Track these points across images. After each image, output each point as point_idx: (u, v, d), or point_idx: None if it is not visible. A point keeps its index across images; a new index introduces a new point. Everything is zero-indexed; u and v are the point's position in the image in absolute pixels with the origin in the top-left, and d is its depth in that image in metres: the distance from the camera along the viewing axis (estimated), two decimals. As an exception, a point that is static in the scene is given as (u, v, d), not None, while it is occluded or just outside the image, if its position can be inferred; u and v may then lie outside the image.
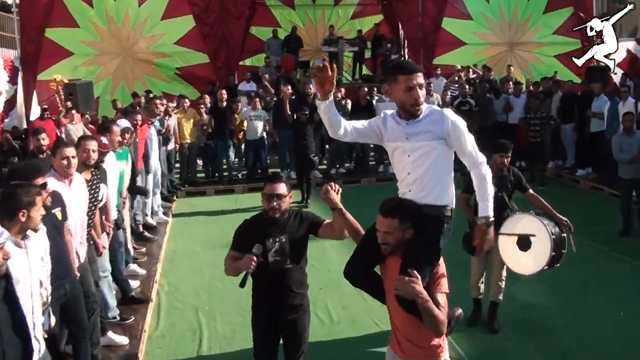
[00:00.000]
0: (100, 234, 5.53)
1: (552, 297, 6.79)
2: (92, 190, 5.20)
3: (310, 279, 7.25)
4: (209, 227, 9.94)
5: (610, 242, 8.64)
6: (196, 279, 7.62)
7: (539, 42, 18.15)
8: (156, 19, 16.22)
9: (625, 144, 8.91)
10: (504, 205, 5.79)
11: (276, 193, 3.99)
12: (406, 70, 3.46)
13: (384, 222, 3.42)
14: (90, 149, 5.11)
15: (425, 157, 3.51)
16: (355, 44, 18.29)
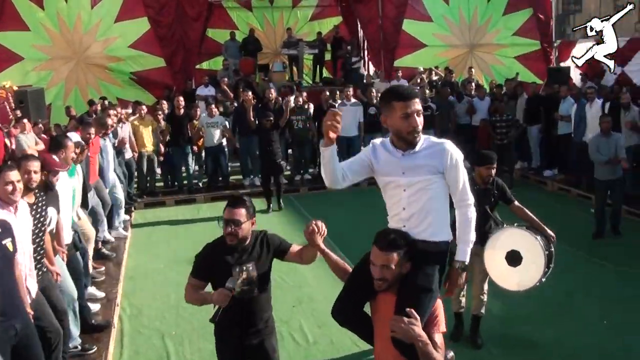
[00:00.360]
0: (53, 261, 5.07)
1: (535, 309, 6.58)
2: (38, 214, 4.70)
3: (282, 296, 7.02)
4: (172, 240, 9.49)
5: (587, 246, 8.55)
6: (161, 300, 7.15)
7: (499, 44, 18.21)
8: (109, 22, 15.67)
9: (602, 146, 8.92)
10: (486, 218, 5.62)
11: (233, 219, 3.72)
12: (403, 96, 3.28)
13: (382, 256, 3.22)
14: (32, 170, 4.60)
15: (422, 192, 3.37)
16: (315, 47, 18.00)
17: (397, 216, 3.45)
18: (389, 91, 3.43)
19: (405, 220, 3.41)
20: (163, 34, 15.97)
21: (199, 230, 10.08)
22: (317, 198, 11.85)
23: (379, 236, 3.30)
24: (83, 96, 15.37)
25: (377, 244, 3.26)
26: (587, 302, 6.79)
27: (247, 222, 3.75)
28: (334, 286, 7.10)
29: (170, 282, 7.67)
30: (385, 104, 3.38)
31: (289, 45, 17.81)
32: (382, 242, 3.24)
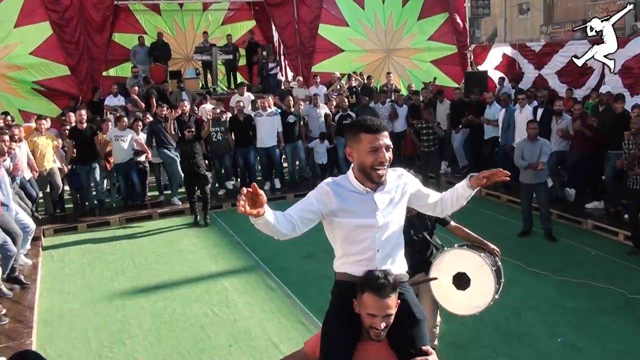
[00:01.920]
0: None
1: (487, 331, 6.35)
2: None
3: (215, 334, 6.46)
4: (86, 274, 8.61)
5: (524, 256, 8.39)
6: (81, 349, 6.34)
7: (415, 48, 18.24)
8: (9, 27, 14.42)
9: (527, 151, 9.09)
10: (426, 245, 5.38)
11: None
12: (372, 129, 3.07)
13: (385, 303, 2.98)
14: None
15: (395, 229, 3.25)
16: (229, 52, 17.35)
17: (367, 259, 3.17)
18: (357, 123, 3.19)
19: (378, 262, 3.17)
20: (66, 40, 14.85)
21: (115, 257, 9.32)
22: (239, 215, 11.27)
23: (371, 284, 2.99)
24: (-19, 108, 14.10)
25: (376, 293, 2.97)
26: (536, 320, 6.63)
27: None
28: (269, 318, 6.69)
29: (89, 325, 6.90)
30: (352, 135, 3.14)
31: (202, 51, 17.11)
32: (381, 290, 2.97)
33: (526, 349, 5.98)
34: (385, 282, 2.98)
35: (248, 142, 12.42)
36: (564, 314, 6.74)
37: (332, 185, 3.16)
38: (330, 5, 17.33)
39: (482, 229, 9.40)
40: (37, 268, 8.66)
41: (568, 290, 7.37)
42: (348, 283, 3.19)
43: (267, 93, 15.80)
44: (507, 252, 8.19)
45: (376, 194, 3.16)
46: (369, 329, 3.03)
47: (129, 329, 6.76)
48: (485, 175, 3.38)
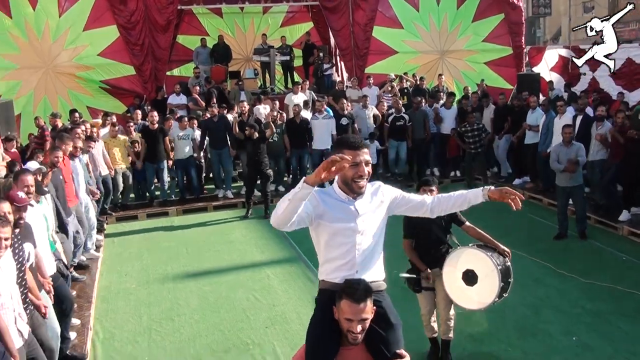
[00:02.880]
0: (38, 296, 5.01)
1: (504, 326, 6.67)
2: (16, 255, 4.64)
3: (254, 316, 7.04)
4: (143, 258, 9.40)
5: (555, 259, 8.61)
6: (133, 323, 7.09)
7: (469, 50, 18.35)
8: (78, 30, 15.47)
9: (562, 155, 9.25)
10: (440, 242, 5.77)
11: None
12: (353, 146, 3.42)
13: (360, 309, 3.24)
14: (5, 211, 4.54)
15: (375, 234, 3.55)
16: (286, 53, 17.98)
17: (348, 263, 3.47)
18: (340, 141, 3.56)
19: (358, 265, 3.47)
20: (132, 42, 15.79)
21: (170, 245, 10.06)
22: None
23: (347, 291, 3.28)
24: (52, 105, 15.19)
25: (351, 299, 3.24)
26: (554, 318, 6.86)
27: None
28: (304, 304, 7.20)
29: (142, 302, 7.66)
30: (336, 151, 3.42)
31: (261, 52, 17.78)
32: (355, 296, 3.24)
33: (540, 346, 6.26)
34: (360, 288, 3.26)
35: (303, 144, 12.93)
36: (583, 314, 6.95)
37: (319, 192, 3.47)
38: (385, 7, 17.66)
39: (519, 230, 9.89)
40: (99, 250, 9.55)
41: (592, 292, 7.53)
42: (330, 292, 3.46)
43: (322, 93, 16.44)
44: (538, 254, 8.70)
45: (357, 202, 3.49)
46: (347, 332, 3.29)
47: (177, 308, 7.43)
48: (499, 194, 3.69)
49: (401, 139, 13.38)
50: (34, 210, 5.67)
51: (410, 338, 6.05)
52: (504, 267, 5.34)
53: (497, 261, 5.26)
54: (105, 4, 15.46)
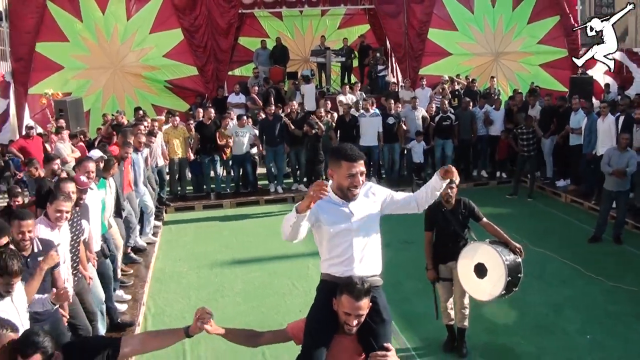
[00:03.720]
0: (86, 267, 5.78)
1: (521, 320, 7.03)
2: (74, 228, 5.45)
3: (291, 301, 7.63)
4: (196, 246, 10.16)
5: (585, 260, 8.80)
6: (182, 302, 7.84)
7: (523, 52, 18.41)
8: (145, 33, 16.47)
9: (614, 159, 9.32)
10: (457, 237, 6.15)
11: None
12: (351, 158, 3.66)
13: (360, 305, 3.51)
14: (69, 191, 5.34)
15: (370, 232, 3.79)
16: (342, 55, 18.51)
17: (346, 260, 3.71)
18: (338, 151, 3.78)
19: (356, 262, 3.71)
20: (196, 44, 16.67)
21: (223, 234, 10.79)
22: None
23: (349, 288, 3.51)
24: (120, 103, 16.21)
25: (351, 296, 3.49)
26: (573, 318, 7.10)
27: None
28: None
29: (191, 285, 8.40)
30: (334, 160, 3.75)
31: (317, 54, 18.38)
32: (355, 293, 3.49)
33: (554, 342, 6.56)
34: (361, 288, 3.50)
35: (351, 140, 13.37)
36: (602, 315, 7.16)
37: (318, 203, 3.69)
38: (440, 10, 17.92)
39: (555, 233, 10.16)
40: (156, 236, 10.41)
41: (616, 295, 7.67)
42: (331, 283, 3.72)
43: (375, 94, 16.92)
44: (570, 255, 8.95)
45: (351, 204, 3.76)
46: (343, 324, 3.57)
47: (222, 291, 8.13)
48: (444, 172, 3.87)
49: (446, 137, 13.72)
50: (93, 194, 6.44)
51: (430, 327, 6.63)
52: (513, 262, 5.71)
53: (506, 257, 5.66)
54: (170, 8, 16.40)
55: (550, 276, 8.37)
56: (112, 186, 7.58)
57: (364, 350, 3.67)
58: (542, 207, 11.97)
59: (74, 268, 5.43)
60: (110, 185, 7.50)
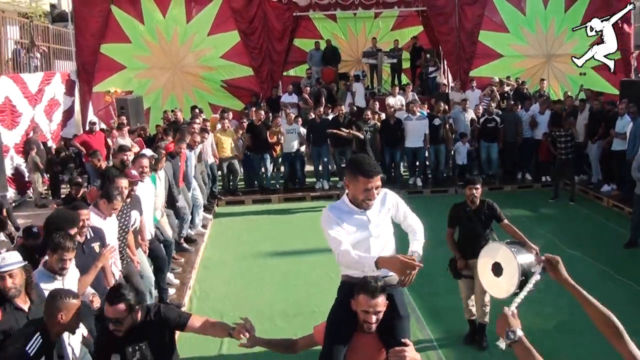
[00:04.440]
0: (135, 252, 6.43)
1: (542, 318, 7.22)
2: (123, 218, 6.12)
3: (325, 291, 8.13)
4: (243, 237, 10.81)
5: (617, 264, 8.85)
6: (225, 287, 8.49)
7: (575, 54, 18.31)
8: (203, 35, 17.29)
9: None
10: (479, 236, 6.46)
11: (113, 317, 3.74)
12: (367, 174, 3.79)
13: (376, 302, 3.67)
14: (122, 186, 6.00)
15: (386, 236, 4.01)
16: (393, 56, 18.90)
17: None
18: (357, 166, 3.88)
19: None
20: (251, 46, 17.38)
21: (269, 227, 11.42)
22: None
23: (365, 287, 3.66)
24: (179, 101, 17.07)
25: (367, 294, 3.65)
26: None
27: (126, 313, 3.74)
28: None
29: (235, 273, 9.05)
30: (351, 174, 3.90)
31: (369, 55, 18.84)
32: (371, 291, 3.64)
33: (569, 340, 6.75)
34: (376, 286, 3.64)
35: (395, 142, 13.85)
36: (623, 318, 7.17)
37: (332, 210, 3.97)
38: (492, 12, 18.04)
39: (592, 236, 10.33)
40: (206, 228, 11.11)
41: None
42: (349, 284, 3.90)
43: (426, 95, 17.26)
44: (603, 259, 9.07)
45: (368, 211, 3.93)
46: (363, 322, 3.71)
47: (262, 279, 8.73)
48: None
49: (492, 140, 13.94)
50: (145, 186, 7.11)
51: (454, 321, 7.02)
52: (528, 263, 6.05)
53: (520, 257, 5.94)
54: (228, 11, 17.16)
55: (579, 278, 8.15)
56: (162, 180, 8.27)
57: (385, 346, 3.81)
58: (583, 211, 12.06)
59: (122, 253, 6.08)
60: (160, 178, 8.18)
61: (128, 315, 3.73)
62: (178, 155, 9.39)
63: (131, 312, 3.74)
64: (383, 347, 3.82)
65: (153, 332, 3.88)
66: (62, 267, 4.40)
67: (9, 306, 3.90)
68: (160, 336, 3.91)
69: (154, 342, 3.87)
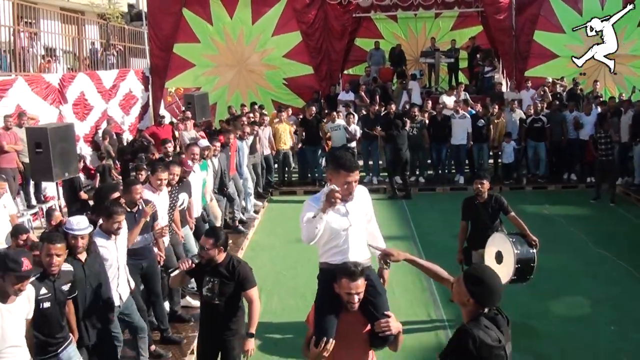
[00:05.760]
0: (180, 227, 7.54)
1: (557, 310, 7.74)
2: (172, 197, 7.25)
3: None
4: (291, 224, 11.58)
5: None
6: (268, 267, 9.51)
7: (633, 55, 18.33)
8: (267, 36, 18.36)
9: None
10: (486, 227, 7.07)
11: (202, 244, 5.01)
12: (348, 168, 4.17)
13: (357, 284, 3.98)
14: (175, 172, 7.16)
15: (361, 225, 4.41)
16: (450, 56, 19.42)
17: (343, 250, 4.26)
18: (337, 160, 4.27)
19: (351, 251, 4.26)
20: (312, 46, 18.34)
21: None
22: (423, 198, 13.68)
23: (346, 272, 3.99)
24: (243, 98, 18.15)
25: (348, 277, 3.97)
26: (607, 312, 7.66)
27: (213, 249, 4.93)
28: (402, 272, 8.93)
29: (279, 255, 10.12)
30: (333, 168, 4.26)
31: (427, 55, 19.46)
32: (351, 275, 3.97)
33: (579, 329, 7.25)
34: (355, 270, 3.97)
35: (442, 139, 14.55)
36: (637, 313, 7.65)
37: (312, 200, 4.31)
38: (548, 12, 18.18)
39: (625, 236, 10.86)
40: (259, 214, 12.19)
41: None
42: (329, 270, 4.23)
43: (481, 95, 17.75)
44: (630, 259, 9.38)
45: (347, 204, 4.27)
46: (347, 303, 4.00)
47: (302, 262, 9.60)
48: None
49: (537, 139, 14.35)
50: (196, 173, 8.17)
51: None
52: (525, 253, 6.59)
53: (518, 247, 6.56)
54: (291, 12, 18.14)
55: (602, 275, 8.90)
56: (211, 167, 9.37)
57: (369, 320, 4.14)
58: (621, 212, 12.28)
59: (169, 225, 7.18)
60: (210, 166, 9.27)
61: (212, 248, 4.91)
62: (228, 145, 10.43)
63: (215, 247, 4.92)
64: (367, 322, 4.16)
65: (227, 276, 4.99)
66: (117, 227, 5.50)
67: (71, 258, 4.96)
68: (230, 282, 5.00)
69: (224, 284, 4.98)
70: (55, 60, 16.18)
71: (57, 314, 4.68)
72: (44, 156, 8.34)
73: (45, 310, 4.57)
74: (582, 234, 10.76)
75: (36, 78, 13.00)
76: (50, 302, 4.61)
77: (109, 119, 14.98)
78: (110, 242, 5.52)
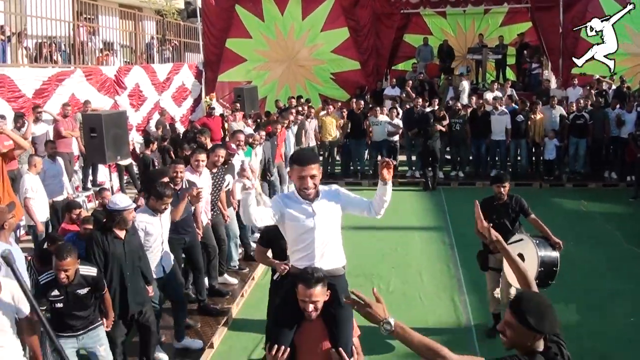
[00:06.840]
0: (225, 208, 8.22)
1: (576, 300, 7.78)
2: (216, 179, 7.89)
3: (388, 260, 9.56)
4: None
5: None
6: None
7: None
8: (317, 31, 18.93)
9: None
10: (506, 230, 6.70)
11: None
12: (300, 163, 3.95)
13: (312, 292, 3.71)
14: (220, 155, 7.82)
15: (330, 229, 4.04)
16: (497, 52, 19.54)
17: (309, 255, 3.98)
18: (293, 156, 4.22)
19: (317, 257, 3.96)
20: (360, 42, 18.79)
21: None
22: (462, 193, 13.96)
23: (301, 277, 3.75)
24: (292, 92, 18.71)
25: (304, 284, 3.70)
26: (628, 305, 7.73)
27: None
28: (428, 258, 9.39)
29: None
30: (289, 165, 4.26)
31: (474, 51, 19.63)
32: (307, 281, 3.70)
33: (597, 318, 7.40)
34: (311, 276, 3.68)
35: (482, 134, 14.82)
36: None
37: (282, 197, 4.16)
38: (595, 8, 18.03)
39: None
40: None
41: None
42: (293, 275, 3.99)
43: (528, 91, 17.87)
44: None
45: (314, 203, 3.98)
46: (303, 311, 3.74)
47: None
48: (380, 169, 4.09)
49: (579, 136, 14.43)
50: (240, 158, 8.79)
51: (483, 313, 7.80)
52: (549, 256, 6.28)
53: (542, 250, 6.32)
54: (339, 9, 18.65)
55: (631, 272, 9.00)
56: (258, 155, 10.03)
57: (329, 339, 3.91)
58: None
59: (214, 205, 7.88)
60: (257, 154, 9.95)
61: None
62: (275, 135, 11.09)
63: None
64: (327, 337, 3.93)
65: None
66: (164, 208, 6.19)
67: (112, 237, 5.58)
68: None
69: None
70: (112, 53, 17.10)
71: (71, 310, 5.08)
72: (98, 140, 9.13)
73: (59, 309, 5.04)
74: (617, 231, 10.88)
75: (94, 70, 13.93)
76: (63, 303, 5.01)
77: (162, 110, 15.78)
78: (156, 218, 6.19)
